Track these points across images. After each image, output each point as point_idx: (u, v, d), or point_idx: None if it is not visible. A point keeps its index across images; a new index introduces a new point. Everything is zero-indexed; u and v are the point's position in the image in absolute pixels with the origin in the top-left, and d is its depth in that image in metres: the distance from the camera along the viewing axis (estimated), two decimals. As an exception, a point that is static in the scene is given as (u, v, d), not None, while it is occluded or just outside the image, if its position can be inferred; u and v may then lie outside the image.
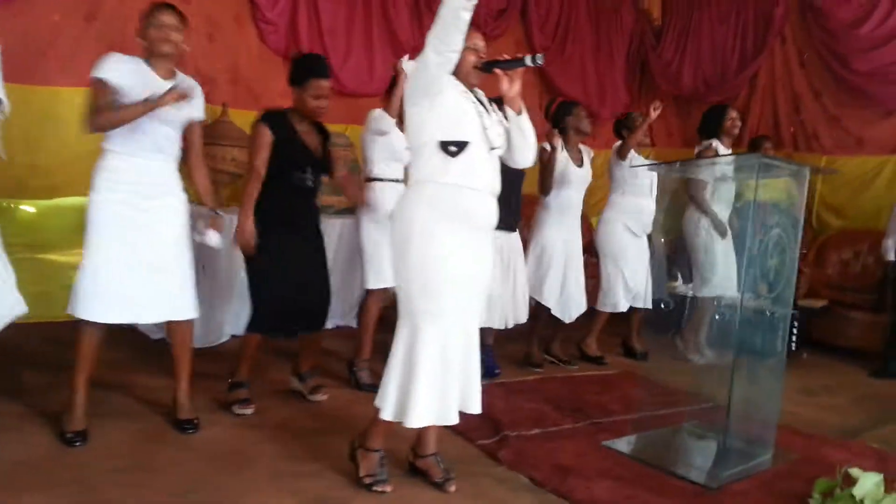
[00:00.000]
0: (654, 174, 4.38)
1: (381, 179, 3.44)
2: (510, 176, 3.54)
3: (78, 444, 2.46)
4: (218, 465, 2.42)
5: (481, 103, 2.32)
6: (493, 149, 2.29)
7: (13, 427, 2.59)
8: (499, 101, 3.64)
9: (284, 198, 2.91)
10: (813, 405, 3.93)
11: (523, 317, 3.85)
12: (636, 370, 4.31)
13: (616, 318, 4.48)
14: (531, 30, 6.41)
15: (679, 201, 4.53)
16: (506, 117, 2.37)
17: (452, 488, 2.37)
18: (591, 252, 4.59)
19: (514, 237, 3.81)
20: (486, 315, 3.55)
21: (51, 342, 3.57)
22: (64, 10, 4.07)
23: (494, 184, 2.31)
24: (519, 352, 4.25)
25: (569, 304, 4.15)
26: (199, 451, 2.54)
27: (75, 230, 2.64)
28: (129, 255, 2.52)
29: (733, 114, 4.53)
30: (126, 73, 2.48)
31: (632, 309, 4.48)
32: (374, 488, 2.31)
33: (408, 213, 2.24)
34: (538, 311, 4.15)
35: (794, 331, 5.20)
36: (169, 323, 2.71)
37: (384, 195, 3.38)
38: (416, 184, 2.27)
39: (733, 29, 6.80)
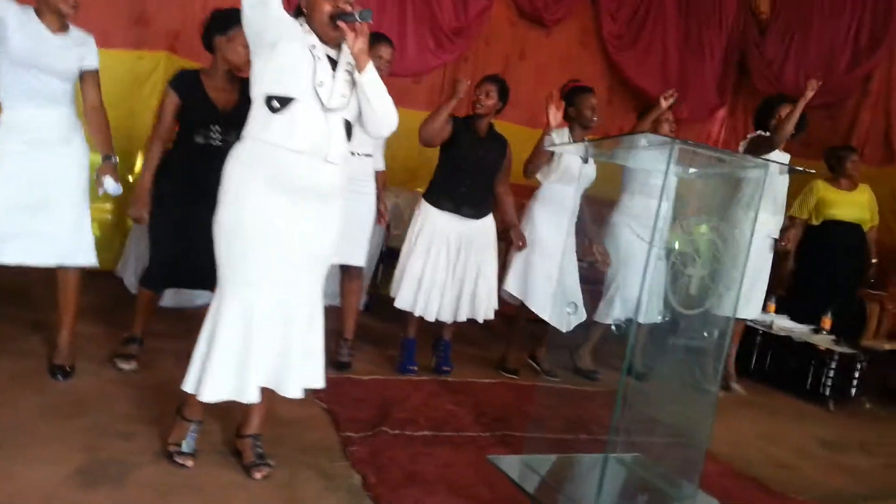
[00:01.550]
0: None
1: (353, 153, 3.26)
2: (480, 160, 3.38)
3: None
4: (47, 410, 2.35)
5: (333, 60, 2.11)
6: (329, 109, 2.06)
7: None
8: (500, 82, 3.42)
9: (186, 158, 2.82)
10: (827, 462, 3.26)
11: (485, 312, 3.49)
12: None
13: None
14: (601, 15, 5.92)
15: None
16: None
17: (258, 475, 2.13)
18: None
19: (479, 224, 3.48)
20: (433, 306, 3.37)
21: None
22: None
23: (329, 147, 2.07)
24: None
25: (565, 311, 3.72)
26: (47, 394, 2.49)
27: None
28: (17, 198, 2.51)
29: (785, 110, 3.86)
30: (13, 15, 2.48)
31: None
32: (175, 459, 2.13)
33: (226, 171, 2.07)
34: (520, 311, 3.78)
35: (857, 374, 4.44)
36: (58, 268, 2.70)
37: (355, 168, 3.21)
38: (241, 140, 2.10)
39: (847, 23, 5.88)
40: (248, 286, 2.03)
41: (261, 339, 2.05)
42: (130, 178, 4.32)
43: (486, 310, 3.49)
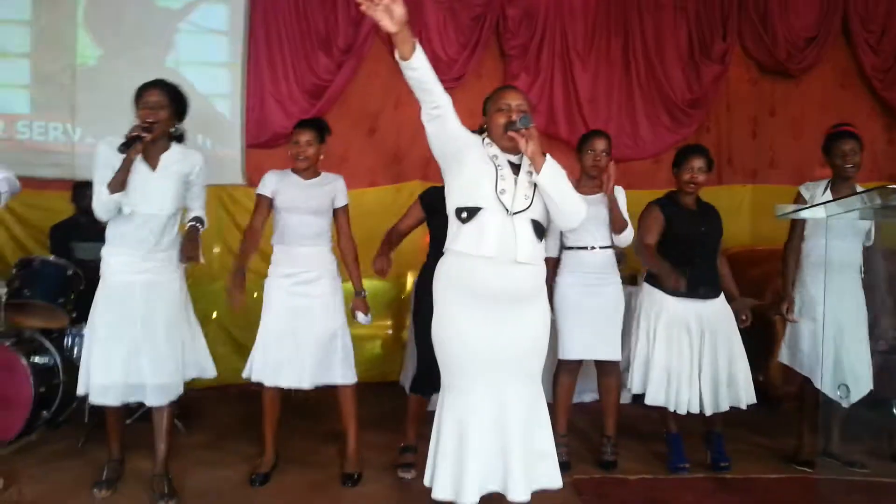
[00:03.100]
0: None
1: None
2: (703, 236, 3.23)
3: (257, 484, 2.96)
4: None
5: (514, 166, 2.23)
6: (513, 213, 2.16)
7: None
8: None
9: None
10: None
11: (747, 397, 3.17)
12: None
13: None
14: (858, 50, 5.28)
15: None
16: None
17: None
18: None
19: (717, 303, 3.24)
20: (684, 397, 3.15)
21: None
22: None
23: (516, 249, 2.14)
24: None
25: (847, 380, 3.22)
26: (338, 500, 2.81)
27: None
28: (284, 328, 2.97)
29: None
30: (276, 183, 3.03)
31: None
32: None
33: (433, 285, 2.25)
34: (806, 388, 3.33)
35: None
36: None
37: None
38: (444, 255, 2.26)
39: None
40: (461, 394, 2.15)
41: (476, 442, 2.11)
42: (402, 296, 4.80)
43: (747, 394, 3.19)
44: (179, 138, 2.86)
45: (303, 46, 4.68)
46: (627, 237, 3.23)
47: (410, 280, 4.73)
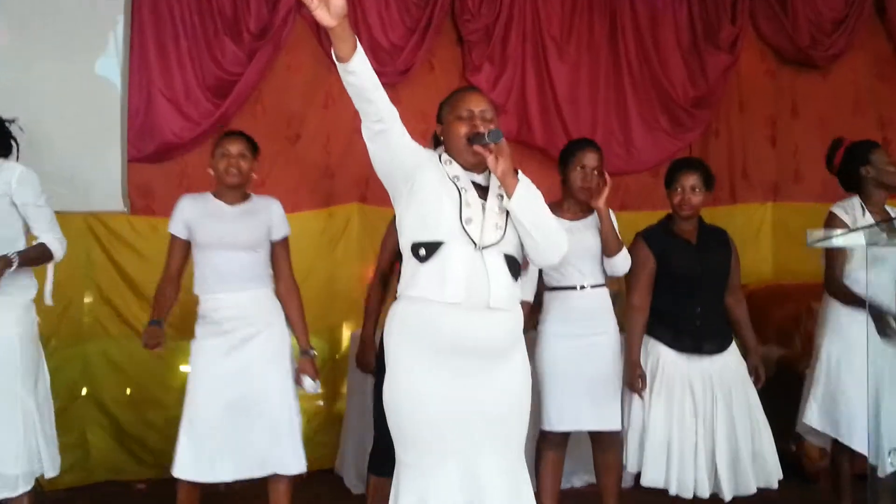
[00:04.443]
0: None
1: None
2: (707, 274, 3.28)
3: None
4: None
5: (480, 187, 2.28)
6: (483, 247, 2.20)
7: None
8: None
9: None
10: None
11: (776, 472, 3.23)
12: None
13: None
14: (897, 35, 5.51)
15: None
16: None
17: None
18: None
19: (727, 358, 3.30)
20: (688, 475, 3.19)
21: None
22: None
23: (489, 292, 2.18)
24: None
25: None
26: None
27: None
28: (220, 406, 2.95)
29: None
30: (190, 208, 3.05)
31: None
32: None
33: (385, 337, 2.28)
34: (839, 459, 3.46)
35: None
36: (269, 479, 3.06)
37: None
38: (396, 300, 2.30)
39: None
40: (421, 475, 2.15)
41: None
42: (337, 356, 4.72)
43: (775, 469, 3.25)
44: (4, 151, 2.88)
45: (203, 30, 4.57)
46: (622, 264, 3.24)
47: (346, 335, 4.69)
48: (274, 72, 4.75)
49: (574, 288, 3.26)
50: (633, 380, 3.21)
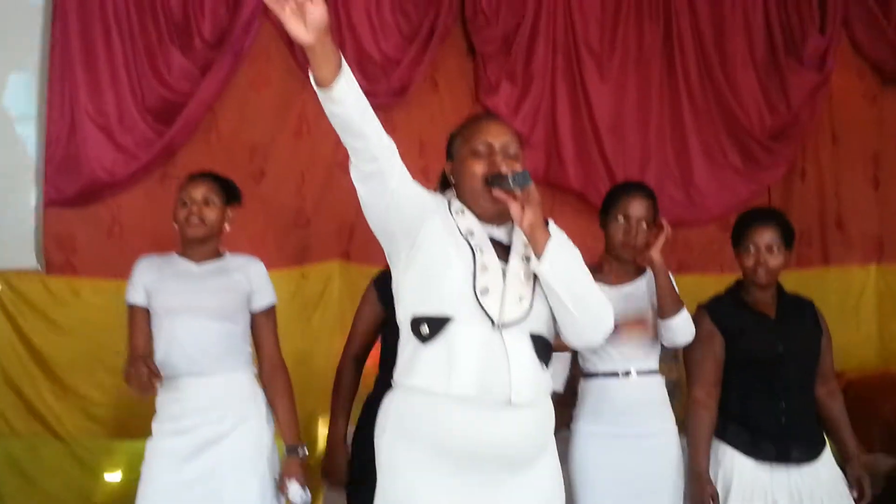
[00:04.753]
0: None
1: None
2: (791, 356, 3.19)
3: None
4: None
5: (501, 246, 2.23)
6: (503, 325, 2.12)
7: None
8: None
9: None
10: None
11: None
12: None
13: None
14: None
15: None
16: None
17: None
18: None
19: (814, 471, 3.12)
20: None
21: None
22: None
23: (510, 384, 2.10)
24: None
25: None
26: None
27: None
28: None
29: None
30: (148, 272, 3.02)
31: None
32: None
33: (375, 438, 2.23)
34: None
35: None
36: None
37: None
38: (392, 388, 2.25)
39: None
40: None
41: None
42: (311, 461, 4.42)
43: None
44: None
45: (144, 37, 4.34)
46: (683, 329, 3.10)
47: (324, 432, 4.30)
48: (233, 90, 4.53)
49: (616, 374, 3.14)
50: (703, 498, 3.05)
